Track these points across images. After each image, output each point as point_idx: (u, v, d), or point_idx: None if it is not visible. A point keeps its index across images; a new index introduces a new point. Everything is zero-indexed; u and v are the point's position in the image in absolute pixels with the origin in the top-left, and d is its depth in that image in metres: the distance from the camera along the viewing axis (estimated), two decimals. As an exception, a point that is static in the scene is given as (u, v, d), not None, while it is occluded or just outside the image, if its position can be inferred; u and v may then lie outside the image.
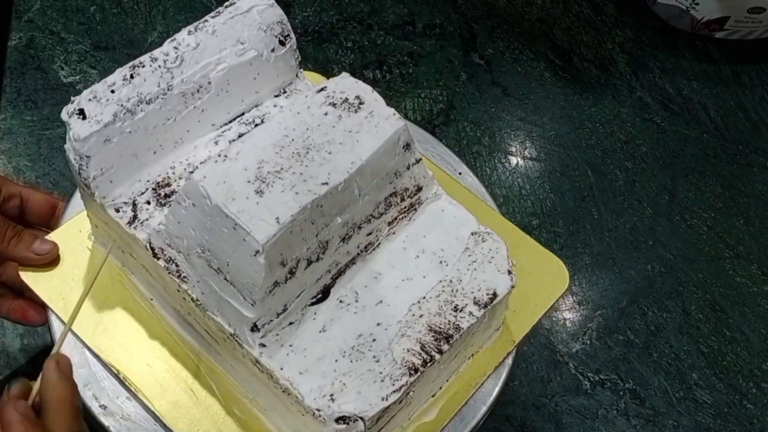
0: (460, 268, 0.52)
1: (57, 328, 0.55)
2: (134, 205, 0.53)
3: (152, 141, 0.53)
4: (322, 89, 0.52)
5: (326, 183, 0.47)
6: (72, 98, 0.51)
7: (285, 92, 0.59)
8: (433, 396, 0.53)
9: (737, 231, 0.85)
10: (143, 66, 0.52)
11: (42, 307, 0.57)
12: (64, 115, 0.50)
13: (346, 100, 0.52)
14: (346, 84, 0.53)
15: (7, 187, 0.58)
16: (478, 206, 0.62)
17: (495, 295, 0.51)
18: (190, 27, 0.54)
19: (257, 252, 0.45)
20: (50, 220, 0.60)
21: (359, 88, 0.53)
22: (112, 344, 0.54)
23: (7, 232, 0.55)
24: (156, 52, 0.53)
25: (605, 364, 0.74)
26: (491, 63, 0.95)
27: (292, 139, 0.49)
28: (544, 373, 0.73)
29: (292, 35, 0.58)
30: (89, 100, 0.51)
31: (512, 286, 0.52)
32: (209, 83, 0.54)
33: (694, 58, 0.99)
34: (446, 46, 0.96)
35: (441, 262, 0.52)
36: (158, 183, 0.53)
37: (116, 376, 0.53)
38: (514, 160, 0.88)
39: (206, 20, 0.55)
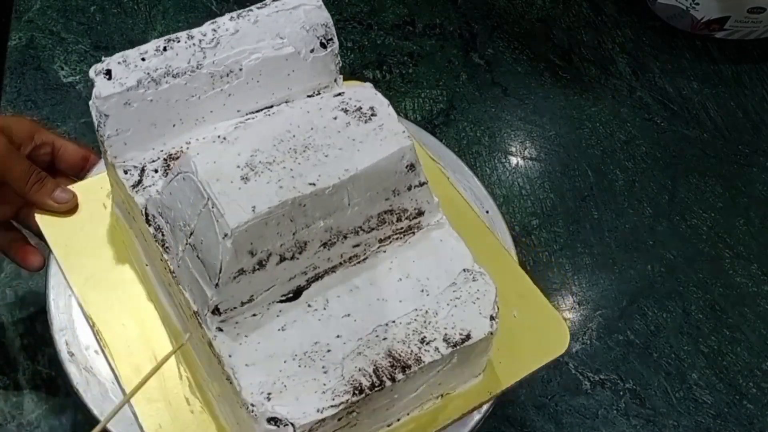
0: (440, 301, 0.50)
1: (53, 272, 0.57)
2: (142, 170, 0.53)
3: (173, 114, 0.54)
4: (339, 94, 0.52)
5: (313, 184, 0.47)
6: (103, 58, 0.52)
7: (319, 94, 0.58)
8: (388, 426, 0.51)
9: (737, 231, 0.85)
10: (178, 41, 0.53)
11: (42, 255, 0.60)
12: (91, 73, 0.52)
13: (360, 109, 0.51)
14: (364, 93, 0.52)
15: (40, 134, 0.61)
16: (498, 251, 0.60)
17: (468, 337, 0.48)
18: (233, 13, 0.54)
19: (226, 235, 0.45)
20: (81, 171, 0.62)
21: (376, 99, 0.52)
22: (97, 298, 0.55)
23: (32, 177, 0.58)
24: (194, 31, 0.53)
25: (605, 364, 0.74)
26: (491, 63, 0.95)
27: (294, 135, 0.49)
28: (544, 373, 0.73)
29: (336, 40, 0.57)
30: (119, 62, 0.52)
31: (491, 333, 0.49)
32: (240, 70, 0.54)
33: (694, 58, 0.99)
34: (446, 46, 0.96)
35: (422, 291, 0.50)
36: (170, 155, 0.54)
37: (92, 328, 0.54)
38: (514, 160, 0.88)
39: (251, 10, 0.55)
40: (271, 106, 0.57)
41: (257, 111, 0.56)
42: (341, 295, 0.50)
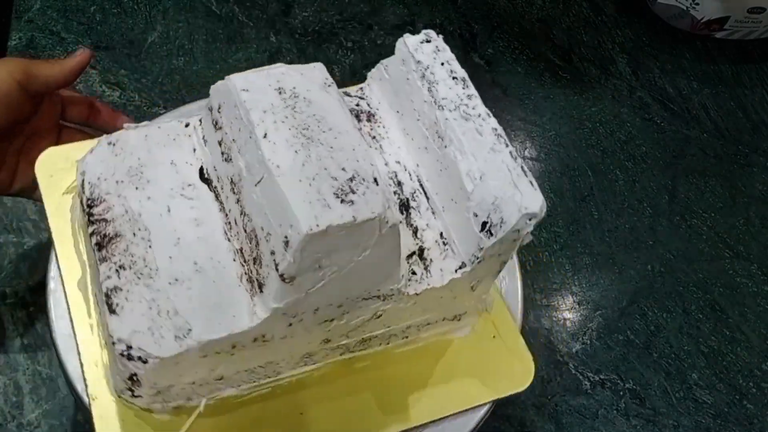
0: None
1: (53, 273, 0.57)
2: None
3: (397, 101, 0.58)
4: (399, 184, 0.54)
5: (265, 137, 0.47)
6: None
7: (444, 240, 0.54)
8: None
9: (737, 231, 0.85)
10: (458, 81, 0.59)
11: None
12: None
13: (351, 190, 0.47)
14: (376, 206, 0.47)
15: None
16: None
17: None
18: (500, 130, 0.56)
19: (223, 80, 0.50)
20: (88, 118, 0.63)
21: (374, 220, 0.46)
22: None
23: (49, 61, 0.61)
24: (463, 95, 0.59)
25: (605, 364, 0.74)
26: (491, 63, 0.95)
27: (319, 128, 0.49)
28: (544, 373, 0.73)
29: (497, 245, 0.51)
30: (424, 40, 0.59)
31: None
32: (450, 143, 0.56)
33: (694, 58, 0.99)
34: (446, 46, 0.96)
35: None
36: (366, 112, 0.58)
37: None
38: (514, 160, 0.88)
39: (507, 142, 0.55)
40: (421, 192, 0.56)
41: (414, 177, 0.56)
42: (188, 217, 0.51)
